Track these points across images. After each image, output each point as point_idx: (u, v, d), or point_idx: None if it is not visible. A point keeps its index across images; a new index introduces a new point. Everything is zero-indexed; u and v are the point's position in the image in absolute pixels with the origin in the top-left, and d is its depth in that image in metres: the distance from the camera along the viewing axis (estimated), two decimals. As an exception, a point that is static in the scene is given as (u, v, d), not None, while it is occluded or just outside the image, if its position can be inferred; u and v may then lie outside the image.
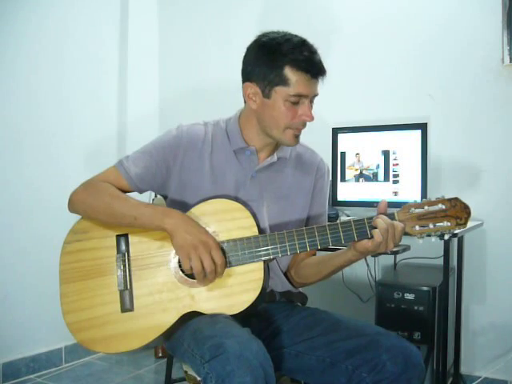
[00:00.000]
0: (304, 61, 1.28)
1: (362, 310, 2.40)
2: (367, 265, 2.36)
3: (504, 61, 2.21)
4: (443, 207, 1.22)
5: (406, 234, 1.24)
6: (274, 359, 1.32)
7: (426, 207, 1.22)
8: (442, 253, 1.84)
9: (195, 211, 1.32)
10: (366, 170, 2.30)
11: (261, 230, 1.32)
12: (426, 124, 2.19)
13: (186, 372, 1.37)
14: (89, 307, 1.31)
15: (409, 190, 2.19)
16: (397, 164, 2.24)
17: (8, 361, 2.42)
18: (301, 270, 1.45)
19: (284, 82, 1.29)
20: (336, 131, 2.37)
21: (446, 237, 1.25)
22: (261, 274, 1.26)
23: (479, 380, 2.24)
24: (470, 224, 2.02)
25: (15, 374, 2.44)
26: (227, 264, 1.26)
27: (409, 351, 1.19)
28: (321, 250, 1.33)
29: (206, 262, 1.21)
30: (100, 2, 2.85)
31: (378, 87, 2.51)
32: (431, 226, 1.22)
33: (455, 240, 2.17)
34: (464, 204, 1.22)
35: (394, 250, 1.80)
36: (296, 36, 1.32)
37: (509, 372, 2.22)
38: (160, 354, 2.69)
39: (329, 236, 1.24)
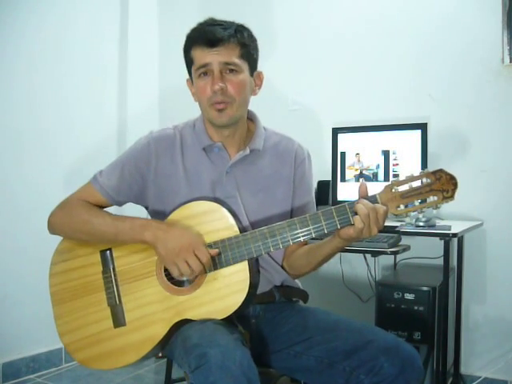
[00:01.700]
0: (196, 35, 1.33)
1: (361, 309, 2.40)
2: (367, 265, 2.36)
3: (504, 61, 2.21)
4: (428, 181, 1.15)
5: (391, 214, 1.19)
6: (274, 359, 1.33)
7: (409, 184, 1.16)
8: (442, 253, 1.84)
9: (174, 217, 1.31)
10: (366, 170, 2.30)
11: (242, 227, 1.30)
12: (426, 124, 2.19)
13: (185, 372, 1.37)
14: (82, 326, 1.33)
15: (409, 190, 2.19)
16: (397, 164, 2.24)
17: (8, 361, 2.42)
18: (292, 262, 1.44)
19: (192, 61, 1.35)
20: (336, 131, 2.37)
21: (435, 211, 1.18)
22: (246, 274, 1.24)
23: (479, 380, 2.24)
24: (469, 224, 2.06)
25: (15, 373, 2.44)
26: (212, 267, 1.25)
27: (407, 352, 1.18)
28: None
29: (193, 264, 1.21)
30: (100, 1, 2.85)
31: (377, 87, 2.51)
32: (417, 203, 1.15)
33: (455, 240, 2.17)
34: (450, 175, 1.15)
35: (394, 250, 1.80)
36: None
37: (509, 372, 2.22)
38: (160, 354, 2.68)
39: (311, 227, 1.20)
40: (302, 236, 1.21)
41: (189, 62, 1.36)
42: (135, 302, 1.30)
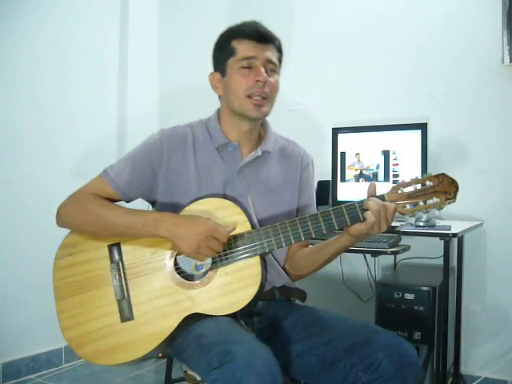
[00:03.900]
0: (245, 29, 1.36)
1: (361, 309, 2.40)
2: (367, 265, 2.36)
3: (504, 61, 2.21)
4: (431, 184, 1.23)
5: (398, 213, 1.25)
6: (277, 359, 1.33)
7: (414, 186, 1.24)
8: (442, 253, 1.84)
9: (188, 211, 1.32)
10: (366, 170, 2.30)
11: (252, 225, 1.32)
12: (426, 124, 2.19)
13: (185, 372, 1.37)
14: (87, 320, 1.31)
15: (409, 190, 2.19)
16: (397, 164, 2.24)
17: (8, 361, 2.42)
18: (296, 263, 1.46)
19: (232, 52, 1.36)
20: (336, 131, 2.37)
21: (437, 212, 1.30)
22: (258, 269, 1.27)
23: (479, 380, 2.24)
24: (469, 224, 2.06)
25: (15, 373, 2.44)
26: (224, 261, 1.27)
27: (404, 349, 1.19)
28: (315, 238, 1.34)
29: (216, 247, 1.23)
30: (100, 1, 2.86)
31: (377, 87, 2.51)
32: (421, 203, 1.23)
33: (455, 240, 2.17)
34: (451, 179, 1.23)
35: (394, 250, 1.80)
36: None
37: (509, 372, 2.22)
38: (160, 354, 2.68)
39: (322, 223, 1.24)
40: (314, 232, 1.25)
41: (227, 53, 1.37)
42: (144, 296, 1.30)
